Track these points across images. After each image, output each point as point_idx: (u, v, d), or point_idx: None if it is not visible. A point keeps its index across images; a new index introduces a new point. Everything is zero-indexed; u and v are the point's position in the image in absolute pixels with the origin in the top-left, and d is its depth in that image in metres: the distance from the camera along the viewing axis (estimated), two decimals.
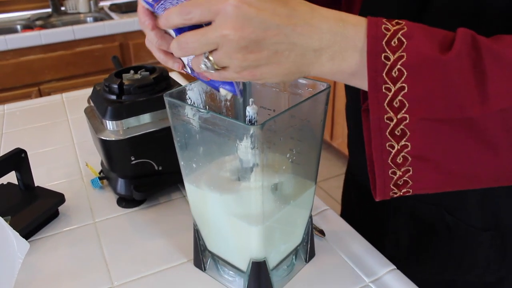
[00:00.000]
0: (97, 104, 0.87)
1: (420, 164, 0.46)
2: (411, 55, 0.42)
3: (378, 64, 0.43)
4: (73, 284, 0.71)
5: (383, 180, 0.48)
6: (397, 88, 0.43)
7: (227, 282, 0.69)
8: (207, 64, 0.46)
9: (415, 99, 0.43)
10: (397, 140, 0.45)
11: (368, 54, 0.44)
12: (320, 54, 0.45)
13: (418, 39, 0.43)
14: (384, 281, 0.69)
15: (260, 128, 0.51)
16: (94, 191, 0.94)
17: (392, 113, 0.44)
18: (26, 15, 2.66)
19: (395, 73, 0.43)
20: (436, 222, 0.75)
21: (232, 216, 0.61)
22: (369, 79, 0.44)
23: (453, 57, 0.42)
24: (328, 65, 0.46)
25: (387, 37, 0.43)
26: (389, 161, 0.46)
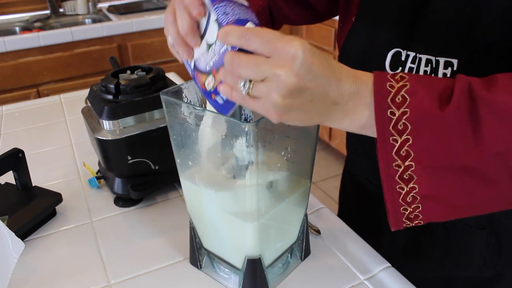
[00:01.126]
0: (94, 104, 0.87)
1: (428, 202, 0.50)
2: (413, 111, 0.47)
3: (385, 119, 0.47)
4: (71, 282, 0.71)
5: (396, 216, 0.52)
6: (402, 139, 0.47)
7: (223, 280, 0.69)
8: (245, 86, 0.47)
9: (418, 149, 0.47)
10: (406, 183, 0.49)
11: (375, 110, 0.48)
12: (339, 108, 0.48)
13: (420, 95, 0.47)
14: (379, 279, 0.69)
15: (255, 125, 0.52)
16: (91, 190, 0.94)
17: (400, 161, 0.48)
18: (24, 17, 2.67)
19: (401, 126, 0.47)
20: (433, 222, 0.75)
21: (227, 213, 0.62)
22: (377, 132, 0.48)
23: (451, 111, 0.46)
24: (341, 121, 0.50)
25: (391, 94, 0.47)
26: (400, 200, 0.51)
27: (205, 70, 0.56)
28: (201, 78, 0.57)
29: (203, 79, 0.57)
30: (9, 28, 2.58)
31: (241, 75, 0.47)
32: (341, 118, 0.49)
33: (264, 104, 0.47)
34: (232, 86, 0.49)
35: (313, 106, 0.47)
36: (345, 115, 0.49)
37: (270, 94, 0.46)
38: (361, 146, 0.83)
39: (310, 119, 0.49)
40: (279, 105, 0.46)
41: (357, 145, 0.86)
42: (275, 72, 0.44)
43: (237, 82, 0.48)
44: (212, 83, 0.55)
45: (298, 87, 0.45)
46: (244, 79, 0.47)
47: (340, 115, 0.49)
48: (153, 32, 2.49)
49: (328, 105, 0.48)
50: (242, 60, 0.47)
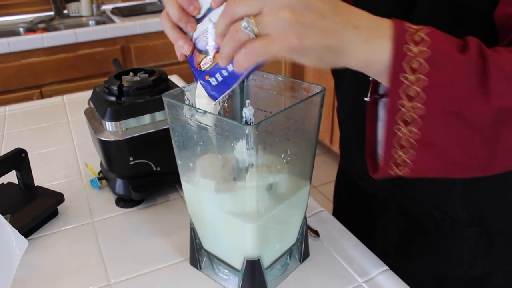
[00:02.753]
0: (96, 106, 0.88)
1: (423, 149, 0.49)
2: (433, 50, 0.46)
3: (401, 55, 0.46)
4: (71, 281, 0.72)
5: (387, 157, 0.51)
6: (415, 78, 0.46)
7: (222, 281, 0.70)
8: (249, 24, 0.45)
9: (431, 91, 0.47)
10: (406, 125, 0.48)
11: (394, 43, 0.47)
12: (359, 33, 0.47)
13: (438, 38, 0.47)
14: (377, 281, 0.69)
15: (255, 128, 0.53)
16: (93, 191, 0.95)
17: (406, 101, 0.47)
18: (28, 18, 2.68)
19: (414, 65, 0.46)
20: (424, 218, 0.77)
21: (227, 214, 0.62)
22: (391, 69, 0.47)
23: (469, 58, 0.46)
24: (364, 49, 0.47)
25: (409, 31, 0.47)
26: (395, 142, 0.50)
27: (204, 49, 0.56)
28: (197, 58, 0.57)
29: (199, 59, 0.56)
30: (13, 29, 2.59)
31: (238, 13, 0.46)
32: (362, 46, 0.47)
33: (278, 31, 0.44)
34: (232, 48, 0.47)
35: (328, 23, 0.45)
36: (367, 43, 0.47)
37: (278, 16, 0.44)
38: (355, 144, 0.85)
39: (329, 44, 0.46)
40: (293, 23, 0.44)
41: (351, 142, 0.87)
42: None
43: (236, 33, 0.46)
44: (209, 63, 0.55)
45: (301, 1, 0.44)
46: (245, 19, 0.45)
47: (361, 42, 0.47)
48: (156, 34, 2.50)
49: (345, 25, 0.46)
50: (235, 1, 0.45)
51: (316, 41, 0.45)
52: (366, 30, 0.47)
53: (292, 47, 0.45)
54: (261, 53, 0.46)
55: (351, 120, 0.84)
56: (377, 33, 0.47)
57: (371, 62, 0.48)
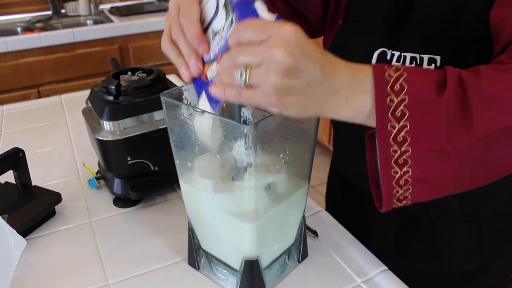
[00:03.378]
0: (94, 105, 0.88)
1: (419, 185, 0.53)
2: (412, 98, 0.49)
3: (384, 106, 0.49)
4: (69, 282, 0.72)
5: (388, 197, 0.55)
6: (400, 126, 0.50)
7: (221, 281, 0.70)
8: (242, 75, 0.48)
9: (415, 135, 0.50)
10: (400, 168, 0.52)
11: (376, 98, 0.50)
12: (337, 94, 0.50)
13: (417, 83, 0.49)
14: (376, 281, 0.69)
15: (253, 127, 0.52)
16: (90, 191, 0.95)
17: (396, 147, 0.51)
18: (26, 17, 2.67)
19: (398, 113, 0.49)
20: (419, 215, 0.78)
21: (225, 214, 0.62)
22: (377, 119, 0.50)
23: (447, 97, 0.49)
24: (343, 108, 0.51)
25: (390, 82, 0.49)
26: (394, 183, 0.53)
27: (209, 59, 0.57)
28: (205, 68, 0.58)
29: (205, 69, 0.57)
30: (11, 28, 2.59)
31: (239, 61, 0.49)
32: (341, 105, 0.50)
33: (263, 89, 0.48)
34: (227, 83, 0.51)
35: (311, 90, 0.48)
36: (345, 102, 0.50)
37: (268, 76, 0.47)
38: (350, 143, 0.85)
39: (309, 105, 0.50)
40: (277, 85, 0.47)
41: (346, 142, 0.87)
42: (270, 53, 0.46)
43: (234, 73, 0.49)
44: (215, 71, 0.56)
45: (293, 67, 0.46)
46: (240, 70, 0.48)
47: (340, 102, 0.50)
48: (154, 34, 2.50)
49: (326, 91, 0.49)
50: (240, 48, 0.49)
51: (294, 103, 0.49)
52: (344, 91, 0.50)
53: (272, 105, 0.49)
54: (246, 100, 0.50)
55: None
56: (356, 90, 0.50)
57: (352, 116, 0.52)
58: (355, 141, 0.84)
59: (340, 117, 0.52)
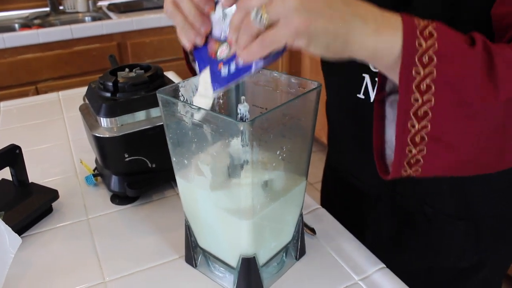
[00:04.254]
0: (92, 102, 0.88)
1: (435, 145, 0.49)
2: (442, 44, 0.46)
3: (412, 49, 0.46)
4: (66, 279, 0.71)
5: (400, 157, 0.51)
6: (426, 72, 0.47)
7: (218, 279, 0.70)
8: (259, 15, 0.46)
9: (441, 84, 0.47)
10: (419, 120, 0.48)
11: (404, 39, 0.47)
12: (367, 22, 0.47)
13: (446, 32, 0.47)
14: (373, 279, 0.69)
15: (250, 124, 0.52)
16: (88, 188, 0.94)
17: (418, 95, 0.47)
18: (24, 14, 2.66)
19: (426, 59, 0.46)
20: (415, 213, 0.78)
21: (222, 211, 0.62)
22: (402, 61, 0.47)
23: (476, 51, 0.47)
24: (372, 38, 0.47)
25: (420, 26, 0.47)
26: (408, 139, 0.49)
27: (220, 38, 0.56)
28: (214, 46, 0.56)
29: (216, 47, 0.56)
30: (9, 25, 2.58)
31: (251, 5, 0.46)
32: (371, 35, 0.47)
33: (286, 19, 0.45)
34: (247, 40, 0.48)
35: (335, 10, 0.46)
36: (376, 33, 0.47)
37: (286, 3, 0.44)
38: (346, 141, 0.85)
39: (337, 30, 0.46)
40: (299, 8, 0.44)
41: (342, 139, 0.87)
42: None
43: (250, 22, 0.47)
44: (226, 52, 0.55)
45: None
46: (256, 11, 0.46)
47: (370, 32, 0.47)
48: (152, 31, 2.49)
49: (352, 14, 0.46)
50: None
51: (322, 27, 0.45)
52: (375, 22, 0.47)
53: (298, 32, 0.45)
54: (271, 41, 0.47)
55: (342, 116, 0.84)
56: (386, 26, 0.47)
57: (380, 53, 0.48)
58: (350, 138, 0.84)
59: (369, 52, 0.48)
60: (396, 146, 0.50)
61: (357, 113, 0.78)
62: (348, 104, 0.79)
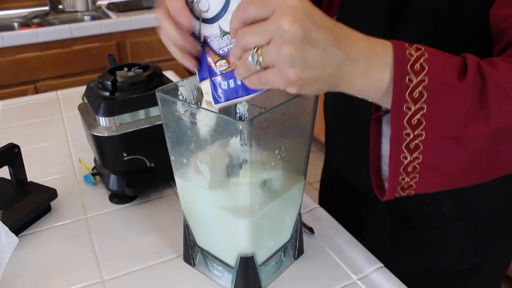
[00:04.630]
0: (90, 101, 0.88)
1: (427, 173, 0.51)
2: (432, 79, 0.47)
3: (402, 85, 0.47)
4: (64, 278, 0.71)
5: (393, 185, 0.53)
6: (416, 108, 0.48)
7: (216, 278, 0.70)
8: (254, 57, 0.46)
9: (431, 118, 0.48)
10: (411, 153, 0.50)
11: (395, 75, 0.47)
12: (357, 64, 0.47)
13: (438, 65, 0.48)
14: (371, 279, 0.69)
15: (249, 123, 0.52)
16: (86, 187, 0.94)
17: (410, 130, 0.49)
18: (23, 13, 2.66)
19: (416, 95, 0.47)
20: (413, 213, 0.78)
21: (221, 210, 0.62)
22: (393, 98, 0.48)
23: (469, 84, 0.47)
24: (360, 80, 0.48)
25: (411, 61, 0.47)
26: (401, 169, 0.51)
27: (219, 53, 0.56)
28: (213, 57, 0.57)
29: (215, 59, 0.56)
30: (8, 24, 2.58)
31: (248, 44, 0.46)
32: (360, 77, 0.48)
33: (279, 66, 0.45)
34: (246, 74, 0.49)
35: (327, 60, 0.45)
36: (364, 73, 0.48)
37: (280, 50, 0.44)
38: (344, 141, 0.85)
39: (327, 78, 0.47)
40: (292, 57, 0.44)
41: (340, 139, 0.87)
42: (278, 24, 0.43)
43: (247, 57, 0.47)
44: (224, 67, 0.55)
45: (304, 35, 0.43)
46: (251, 53, 0.46)
47: (358, 75, 0.48)
48: (152, 30, 2.49)
49: (343, 61, 0.46)
50: (245, 29, 0.46)
51: (313, 76, 0.46)
52: (364, 62, 0.47)
53: (290, 82, 0.46)
54: (266, 83, 0.48)
55: (339, 116, 0.84)
56: (375, 64, 0.48)
57: (367, 91, 0.49)
58: (347, 138, 0.84)
59: (356, 91, 0.49)
60: (390, 175, 0.52)
61: (353, 112, 0.78)
62: (345, 103, 0.79)
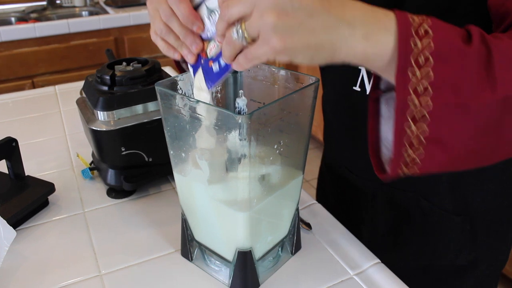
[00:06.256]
0: (89, 95, 0.87)
1: (432, 146, 0.48)
2: (438, 44, 0.45)
3: (407, 50, 0.45)
4: (61, 272, 0.71)
5: (397, 158, 0.50)
6: (423, 74, 0.45)
7: (214, 272, 0.70)
8: (239, 32, 0.45)
9: (438, 85, 0.45)
10: (416, 123, 0.47)
11: (399, 38, 0.45)
12: (354, 28, 0.45)
13: (443, 30, 0.46)
14: (368, 274, 0.70)
15: (248, 117, 0.52)
16: (84, 181, 0.94)
17: (416, 98, 0.46)
18: (20, 7, 2.65)
19: (422, 60, 0.45)
20: (412, 208, 0.78)
21: (219, 204, 0.62)
22: (398, 64, 0.46)
23: (475, 48, 0.45)
24: (361, 44, 0.46)
25: (414, 26, 0.45)
26: (405, 141, 0.48)
27: (207, 37, 0.56)
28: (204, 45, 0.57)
29: (205, 46, 0.57)
30: (5, 18, 2.56)
31: (232, 15, 0.46)
32: (359, 40, 0.45)
33: (263, 36, 0.44)
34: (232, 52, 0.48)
35: (316, 22, 0.44)
36: (364, 37, 0.45)
37: (263, 20, 0.43)
38: (342, 135, 0.85)
39: (319, 42, 0.45)
40: (275, 24, 0.43)
41: (338, 134, 0.87)
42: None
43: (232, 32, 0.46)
44: (214, 49, 0.55)
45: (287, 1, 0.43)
46: (235, 27, 0.46)
47: (357, 36, 0.45)
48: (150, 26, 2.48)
49: (334, 22, 0.45)
50: (229, 1, 0.46)
51: (301, 42, 0.44)
52: (363, 26, 0.45)
53: (276, 51, 0.45)
54: (253, 58, 0.47)
55: (338, 110, 0.84)
56: (376, 28, 0.46)
57: (371, 57, 0.47)
58: (346, 132, 0.84)
59: (358, 59, 0.47)
60: (394, 147, 0.50)
61: (353, 106, 0.78)
62: (344, 97, 0.79)
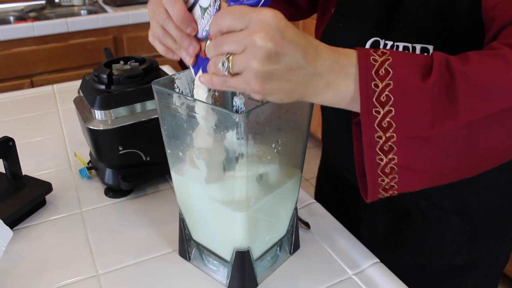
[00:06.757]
0: (86, 94, 0.87)
1: (405, 172, 0.52)
2: (396, 83, 0.48)
3: (369, 91, 0.49)
4: (58, 272, 0.71)
5: (374, 186, 0.54)
6: (385, 111, 0.49)
7: (211, 272, 0.69)
8: (224, 64, 0.48)
9: (400, 120, 0.49)
10: (386, 154, 0.51)
11: (360, 82, 0.49)
12: (320, 79, 0.49)
13: (402, 68, 0.49)
14: (367, 274, 0.69)
15: (245, 116, 0.52)
16: (82, 181, 0.94)
17: (381, 132, 0.50)
18: (19, 7, 2.64)
19: (383, 98, 0.49)
20: (411, 208, 0.78)
21: (217, 204, 0.62)
22: (361, 104, 0.50)
23: (432, 82, 0.48)
24: (325, 91, 0.50)
25: (375, 67, 0.49)
26: (379, 171, 0.52)
27: (202, 37, 0.56)
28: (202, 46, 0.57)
29: (203, 46, 0.57)
30: (4, 17, 2.56)
31: (222, 50, 0.49)
32: (323, 90, 0.50)
33: (245, 76, 0.48)
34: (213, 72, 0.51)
35: (293, 74, 0.48)
36: (327, 86, 0.50)
37: (249, 63, 0.46)
38: (341, 135, 0.85)
39: (292, 90, 0.49)
40: (259, 72, 0.46)
41: (336, 134, 0.87)
42: (251, 39, 0.46)
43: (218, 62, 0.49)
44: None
45: (275, 52, 0.46)
46: (223, 59, 0.48)
47: (322, 87, 0.50)
48: (148, 25, 2.46)
49: (309, 75, 0.49)
50: (224, 38, 0.48)
51: (277, 88, 0.48)
52: (327, 74, 0.49)
53: (255, 91, 0.49)
54: (231, 87, 0.50)
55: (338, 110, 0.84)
56: (337, 75, 0.49)
57: (334, 102, 0.51)
58: (344, 131, 0.83)
59: (323, 102, 0.52)
60: (368, 178, 0.53)
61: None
62: None
